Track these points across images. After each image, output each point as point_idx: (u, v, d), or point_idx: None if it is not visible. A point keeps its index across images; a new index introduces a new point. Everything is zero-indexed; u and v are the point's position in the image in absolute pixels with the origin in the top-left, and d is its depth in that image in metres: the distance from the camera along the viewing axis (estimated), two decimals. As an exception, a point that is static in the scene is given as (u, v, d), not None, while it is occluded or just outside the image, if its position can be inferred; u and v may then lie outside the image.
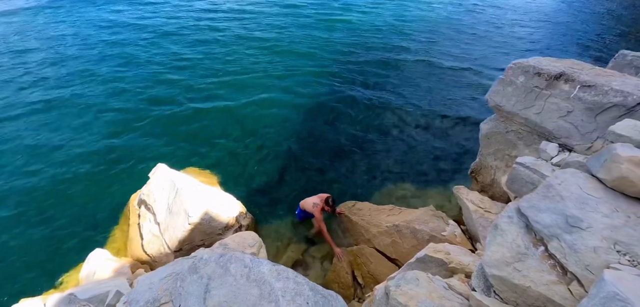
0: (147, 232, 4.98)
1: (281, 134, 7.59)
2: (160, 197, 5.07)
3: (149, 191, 5.21)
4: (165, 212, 4.94)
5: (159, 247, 4.81)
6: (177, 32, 13.12)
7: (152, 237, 4.91)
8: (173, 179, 5.09)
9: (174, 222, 4.79)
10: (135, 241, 5.08)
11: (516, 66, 3.83)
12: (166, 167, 5.45)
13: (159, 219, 4.95)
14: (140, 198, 5.34)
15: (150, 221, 5.05)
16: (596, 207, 2.13)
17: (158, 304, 1.91)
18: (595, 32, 14.32)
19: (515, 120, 3.88)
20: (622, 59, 3.89)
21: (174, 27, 13.63)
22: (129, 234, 5.28)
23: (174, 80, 9.62)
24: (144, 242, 4.93)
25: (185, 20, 14.25)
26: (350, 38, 12.70)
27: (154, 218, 5.03)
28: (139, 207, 5.41)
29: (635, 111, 2.94)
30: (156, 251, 4.79)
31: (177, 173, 5.43)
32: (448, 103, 8.73)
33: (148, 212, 5.17)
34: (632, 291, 1.65)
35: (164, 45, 11.89)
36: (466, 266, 3.35)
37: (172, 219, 4.84)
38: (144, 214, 5.20)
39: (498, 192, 4.45)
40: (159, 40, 12.38)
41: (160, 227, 4.90)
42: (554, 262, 2.17)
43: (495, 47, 12.51)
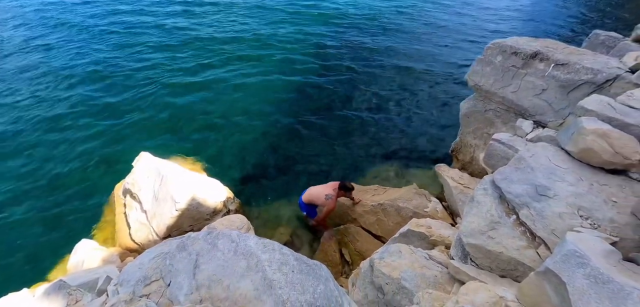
0: (134, 221, 4.96)
1: (264, 119, 7.55)
2: (145, 185, 5.04)
3: (134, 179, 5.16)
4: (151, 200, 4.93)
5: (147, 234, 4.81)
6: (154, 14, 12.63)
7: (139, 226, 4.90)
8: (158, 167, 5.06)
9: (161, 209, 4.79)
10: (122, 230, 5.05)
11: (495, 46, 3.95)
12: (150, 156, 5.40)
13: (146, 207, 4.93)
14: (125, 187, 5.29)
15: (136, 210, 5.03)
16: (563, 176, 2.29)
17: (149, 282, 1.96)
18: (577, 14, 14.72)
19: (494, 99, 4.04)
20: (595, 38, 4.07)
21: (149, 10, 13.12)
22: (115, 224, 5.25)
23: (153, 67, 9.33)
24: (132, 230, 4.92)
25: (161, 5, 13.74)
26: (330, 25, 12.58)
27: (140, 206, 5.01)
28: (124, 196, 5.36)
29: (603, 88, 3.11)
30: (144, 239, 4.79)
31: (162, 161, 5.39)
32: (429, 86, 8.89)
33: (134, 201, 5.14)
34: (590, 248, 1.82)
35: (140, 31, 11.46)
36: (446, 238, 3.53)
37: (159, 207, 4.83)
38: (130, 203, 5.16)
39: (477, 170, 4.65)
40: (135, 26, 11.93)
41: (147, 215, 4.89)
42: (524, 229, 2.34)
43: (475, 28, 12.71)
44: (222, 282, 1.73)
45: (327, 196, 4.62)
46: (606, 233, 2.11)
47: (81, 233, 4.99)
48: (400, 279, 2.70)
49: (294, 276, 1.70)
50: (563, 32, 12.64)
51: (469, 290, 2.17)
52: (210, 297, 1.74)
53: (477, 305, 2.02)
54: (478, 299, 2.07)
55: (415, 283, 2.66)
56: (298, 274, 1.69)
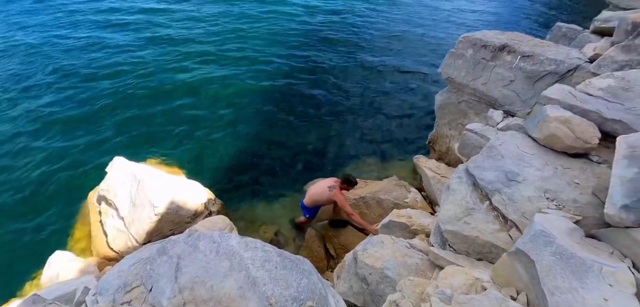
0: (111, 229, 4.80)
1: (241, 119, 7.45)
2: (121, 191, 4.88)
3: (108, 186, 4.99)
4: (128, 206, 4.78)
5: (125, 241, 4.67)
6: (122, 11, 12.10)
7: (117, 233, 4.74)
8: (133, 171, 4.91)
9: (139, 214, 4.66)
10: (99, 239, 4.87)
11: (465, 40, 4.11)
12: (124, 160, 5.22)
13: (123, 214, 4.78)
14: (99, 195, 5.10)
15: (113, 217, 4.86)
16: (530, 162, 2.43)
17: (129, 289, 1.92)
18: (543, 7, 15.45)
19: (466, 90, 4.20)
20: (558, 31, 4.32)
21: (112, 9, 12.57)
22: (91, 233, 5.05)
23: (122, 70, 8.92)
24: (109, 239, 4.75)
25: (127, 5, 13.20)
26: (307, 23, 12.53)
27: (117, 213, 4.85)
28: (98, 204, 5.16)
29: (566, 77, 3.32)
30: (123, 246, 4.64)
31: (137, 165, 5.23)
32: (404, 80, 9.08)
33: (110, 208, 4.97)
34: (555, 227, 1.95)
35: (107, 33, 10.96)
36: (426, 227, 3.65)
37: (136, 212, 4.69)
38: (106, 211, 4.99)
39: (453, 159, 4.82)
40: (104, 24, 11.41)
41: (124, 221, 4.74)
42: (497, 214, 2.46)
43: (449, 23, 13.07)
44: (205, 284, 1.73)
45: (330, 188, 4.27)
46: (570, 213, 2.26)
47: (54, 246, 4.77)
48: (383, 268, 2.78)
49: (278, 272, 1.72)
50: (527, 25, 13.25)
51: (448, 274, 2.26)
52: (193, 299, 1.73)
53: (455, 288, 2.12)
54: (456, 282, 2.17)
55: (398, 272, 2.75)
56: (281, 269, 1.71)
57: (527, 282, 1.90)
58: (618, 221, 1.93)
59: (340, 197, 4.15)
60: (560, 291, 1.68)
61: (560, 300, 1.65)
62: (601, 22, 3.88)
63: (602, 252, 1.97)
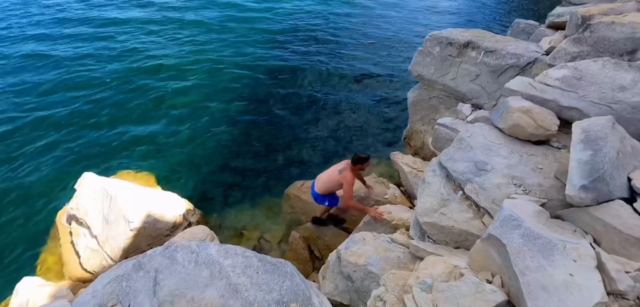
0: (84, 248, 4.57)
1: (217, 125, 7.32)
2: (92, 208, 4.67)
3: (78, 204, 4.75)
4: (101, 223, 4.57)
5: (100, 261, 4.46)
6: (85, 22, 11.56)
7: (90, 253, 4.53)
8: (105, 187, 4.70)
9: (114, 231, 4.47)
10: (71, 260, 4.63)
11: (432, 38, 4.27)
12: (94, 176, 5.00)
13: (96, 232, 4.57)
14: (69, 214, 4.85)
15: (85, 236, 4.63)
16: (498, 151, 2.57)
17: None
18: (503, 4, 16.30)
19: (436, 86, 4.37)
20: (516, 26, 4.59)
21: (76, 14, 12.00)
22: (62, 255, 4.79)
23: (88, 78, 8.52)
24: (82, 259, 4.53)
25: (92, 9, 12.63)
26: (278, 25, 12.52)
27: (89, 232, 4.63)
28: (68, 224, 4.91)
29: (526, 70, 3.52)
30: (98, 266, 4.44)
31: (109, 180, 5.02)
32: (377, 80, 9.27)
33: (81, 227, 4.73)
34: (523, 211, 2.07)
35: (68, 33, 10.42)
36: (406, 221, 3.75)
37: (110, 229, 4.50)
38: (77, 230, 4.75)
39: (428, 153, 4.98)
40: (62, 26, 10.84)
41: (98, 240, 4.53)
42: (470, 202, 2.58)
43: (416, 22, 13.50)
44: (186, 295, 1.70)
45: (340, 171, 4.00)
46: (536, 197, 2.41)
47: (22, 272, 4.48)
48: (367, 265, 2.83)
49: (259, 276, 1.71)
50: (489, 22, 13.93)
51: (428, 264, 2.34)
52: (175, 313, 1.70)
53: (435, 277, 2.19)
54: (435, 271, 2.25)
55: (381, 266, 2.80)
56: (263, 274, 1.71)
57: (501, 265, 2.00)
58: (578, 201, 2.08)
59: (347, 179, 3.87)
60: (530, 271, 1.78)
61: (530, 279, 1.75)
62: (555, 17, 4.18)
63: (566, 231, 2.12)
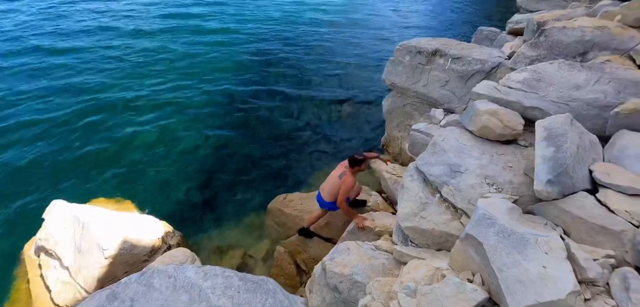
0: (55, 282, 4.30)
1: (193, 142, 7.17)
2: (63, 237, 4.42)
3: (47, 234, 4.49)
4: (73, 254, 4.33)
5: (73, 293, 4.21)
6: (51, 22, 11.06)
7: (62, 286, 4.27)
8: (76, 214, 4.48)
9: (87, 261, 4.24)
10: (41, 296, 4.34)
11: (402, 47, 4.45)
12: (64, 203, 4.75)
13: (67, 263, 4.32)
14: (38, 245, 4.57)
15: (56, 268, 4.37)
16: (470, 153, 2.69)
17: (82, 346, 1.76)
18: (466, 14, 17.22)
19: (409, 94, 4.53)
20: (480, 34, 4.86)
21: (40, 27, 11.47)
22: (31, 291, 4.48)
23: (53, 90, 8.13)
24: (53, 293, 4.26)
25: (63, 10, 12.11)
26: (250, 45, 12.47)
27: (59, 263, 4.37)
28: (37, 256, 4.61)
29: (491, 74, 3.73)
30: (71, 299, 4.18)
31: (80, 206, 4.78)
32: (356, 89, 9.46)
33: (51, 258, 4.46)
34: (497, 209, 2.18)
35: (31, 55, 9.91)
36: (389, 227, 3.81)
37: (83, 259, 4.27)
38: (47, 262, 4.47)
39: (406, 159, 5.12)
40: (28, 38, 10.31)
41: (70, 271, 4.29)
42: (447, 204, 2.67)
43: (387, 32, 13.95)
44: (169, 323, 1.65)
45: (340, 176, 3.94)
46: (508, 194, 2.53)
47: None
48: (352, 274, 2.84)
49: (241, 296, 1.69)
50: (454, 31, 14.67)
51: (411, 269, 2.40)
52: (157, 342, 1.64)
53: (418, 280, 2.25)
54: (418, 275, 2.31)
55: (366, 275, 2.82)
56: (244, 293, 1.69)
57: (480, 263, 2.08)
58: (546, 195, 2.21)
59: (347, 184, 3.82)
60: (507, 267, 1.86)
61: (508, 275, 1.83)
62: (514, 23, 4.49)
63: (537, 225, 2.24)
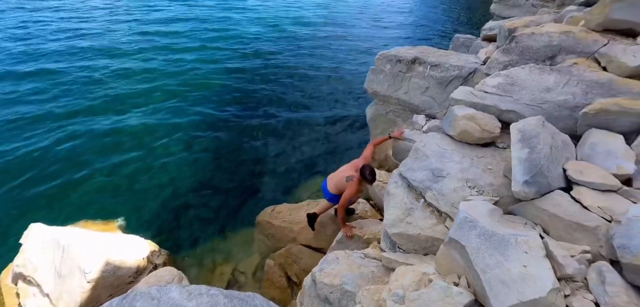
0: (33, 311, 4.12)
1: (176, 157, 7.09)
2: (42, 263, 4.26)
3: (25, 260, 4.32)
4: (53, 278, 4.18)
5: (53, 323, 4.04)
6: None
7: (41, 315, 4.09)
8: (56, 238, 4.34)
9: (68, 286, 4.09)
10: (17, 327, 4.15)
11: (382, 56, 4.56)
12: (43, 226, 4.59)
13: (47, 289, 4.15)
14: (15, 272, 4.38)
15: (35, 295, 4.20)
16: (451, 157, 2.76)
17: None
18: (442, 22, 17.81)
19: (391, 101, 4.63)
20: (457, 41, 5.02)
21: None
22: (7, 322, 4.28)
23: (28, 106, 7.87)
24: (31, 324, 4.08)
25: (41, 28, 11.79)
26: (231, 54, 12.53)
27: (39, 290, 4.20)
28: (14, 284, 4.43)
29: (468, 79, 3.85)
30: (50, 329, 4.01)
31: (60, 229, 4.63)
32: (339, 99, 9.61)
33: (30, 286, 4.28)
34: (478, 212, 2.23)
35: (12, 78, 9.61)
36: (377, 234, 3.83)
37: (64, 284, 4.12)
38: (25, 290, 4.29)
39: (392, 166, 5.18)
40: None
41: (50, 298, 4.12)
42: (432, 209, 2.72)
43: (368, 41, 14.25)
44: (154, 347, 1.61)
45: (348, 178, 3.78)
46: (489, 196, 2.60)
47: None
48: (342, 284, 2.84)
49: (227, 315, 1.67)
50: (432, 39, 15.13)
51: (398, 275, 2.42)
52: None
53: (406, 286, 2.27)
54: (406, 281, 2.33)
55: (356, 284, 2.83)
56: (231, 311, 1.67)
57: (464, 266, 2.12)
58: (523, 196, 2.28)
59: (350, 189, 3.70)
60: (490, 268, 1.90)
61: (491, 276, 1.87)
62: (487, 30, 4.68)
63: (517, 225, 2.30)
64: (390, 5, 20.72)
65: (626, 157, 2.37)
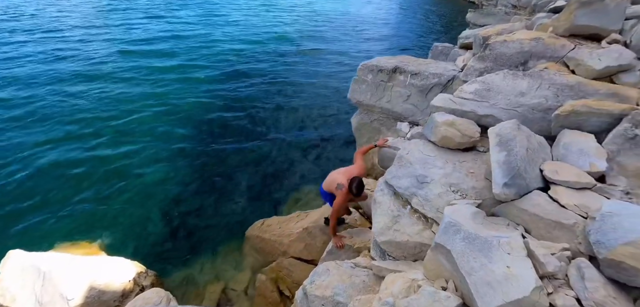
0: (12, 346, 3.93)
1: (160, 174, 6.96)
2: (21, 292, 4.08)
3: (3, 289, 4.12)
4: (34, 310, 4.00)
5: (34, 357, 3.86)
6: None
7: (20, 350, 3.90)
8: (36, 264, 4.17)
9: (50, 317, 3.92)
10: (-5, 365, 3.94)
11: (364, 67, 4.66)
12: (21, 252, 4.41)
13: (27, 323, 3.97)
14: (-9, 306, 4.17)
15: (13, 330, 3.99)
16: (434, 163, 2.83)
17: None
18: (421, 32, 18.34)
19: (374, 110, 4.72)
20: (435, 49, 5.19)
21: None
22: (-17, 360, 4.05)
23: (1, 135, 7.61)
24: (10, 360, 3.88)
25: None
26: (215, 66, 12.50)
27: (18, 324, 4.00)
28: (-9, 318, 4.20)
29: (447, 87, 3.98)
30: (31, 364, 3.83)
31: (40, 255, 4.46)
32: (324, 111, 9.69)
33: (7, 320, 4.08)
34: (461, 215, 2.28)
35: None
36: (368, 243, 3.85)
37: (46, 315, 3.95)
38: (2, 325, 4.08)
39: (379, 174, 5.25)
40: None
41: (30, 331, 3.94)
42: (418, 215, 2.77)
43: (350, 53, 14.51)
44: None
45: (338, 186, 3.60)
46: (472, 199, 2.67)
47: None
48: (334, 295, 2.84)
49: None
50: (410, 46, 15.56)
51: (388, 283, 2.44)
52: None
53: (396, 294, 2.29)
54: (396, 288, 2.35)
55: (348, 294, 2.82)
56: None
57: (451, 270, 2.15)
58: (504, 197, 2.35)
59: (338, 200, 3.60)
60: (475, 271, 1.94)
61: (476, 279, 1.91)
62: (464, 38, 4.86)
63: (500, 226, 2.36)
64: (372, 18, 21.26)
65: (598, 155, 2.49)
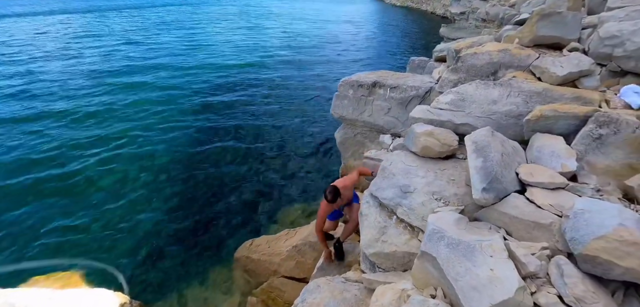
0: None
1: (144, 197, 6.81)
2: (-5, 338, 3.83)
3: (-24, 337, 3.86)
4: (9, 358, 3.75)
5: None
6: None
7: None
8: (10, 301, 3.95)
9: (27, 362, 3.70)
10: None
11: (345, 83, 4.79)
12: (-3, 289, 4.18)
13: None
14: (-39, 355, 3.89)
15: None
16: (416, 173, 2.91)
17: None
18: (399, 47, 19.04)
19: (357, 124, 4.83)
20: (412, 63, 5.39)
21: None
22: None
23: None
24: None
25: None
26: (200, 95, 12.45)
27: None
28: (-40, 369, 3.91)
29: (425, 98, 4.13)
30: None
31: (17, 291, 4.23)
32: (308, 127, 9.78)
33: (-21, 370, 3.81)
34: (444, 222, 2.34)
35: None
36: (358, 256, 3.87)
37: (23, 362, 3.72)
38: None
39: (366, 186, 5.31)
40: None
41: None
42: (404, 224, 2.81)
43: (332, 69, 14.84)
44: None
45: (324, 194, 3.54)
46: (455, 205, 2.74)
47: None
48: (325, 312, 2.82)
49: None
50: (389, 62, 16.08)
51: (378, 296, 2.45)
52: None
53: (386, 306, 2.30)
54: (386, 300, 2.36)
55: (340, 310, 2.81)
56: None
57: (438, 277, 2.19)
58: (484, 202, 2.44)
59: (320, 209, 3.64)
60: (460, 276, 1.98)
61: (463, 284, 1.95)
62: (438, 52, 5.09)
63: (482, 230, 2.43)
64: (351, 36, 21.93)
65: (568, 156, 2.63)
